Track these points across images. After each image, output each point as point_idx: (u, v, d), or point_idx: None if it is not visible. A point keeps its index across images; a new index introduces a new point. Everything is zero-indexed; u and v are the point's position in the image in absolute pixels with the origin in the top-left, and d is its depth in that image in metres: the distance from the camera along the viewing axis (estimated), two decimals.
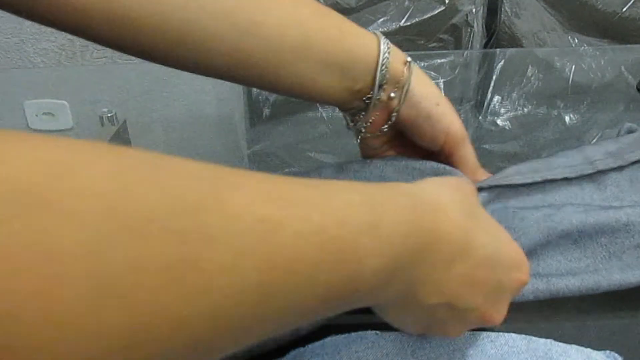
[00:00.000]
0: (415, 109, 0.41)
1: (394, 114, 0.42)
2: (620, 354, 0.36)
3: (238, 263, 0.18)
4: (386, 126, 0.43)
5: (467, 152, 0.44)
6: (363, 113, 0.42)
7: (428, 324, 0.30)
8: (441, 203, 0.27)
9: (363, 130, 0.43)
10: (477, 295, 0.29)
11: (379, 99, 0.41)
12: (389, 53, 0.40)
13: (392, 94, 0.41)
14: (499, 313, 0.31)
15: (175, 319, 0.16)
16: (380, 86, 0.40)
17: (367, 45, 0.40)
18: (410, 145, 0.45)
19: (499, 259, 0.30)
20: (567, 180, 0.44)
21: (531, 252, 0.39)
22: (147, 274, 0.16)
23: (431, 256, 0.26)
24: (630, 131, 0.49)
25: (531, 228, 0.39)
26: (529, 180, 0.43)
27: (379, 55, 0.40)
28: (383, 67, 0.40)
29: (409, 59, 0.41)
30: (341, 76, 0.40)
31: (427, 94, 0.41)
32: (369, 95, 0.41)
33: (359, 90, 0.41)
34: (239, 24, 0.37)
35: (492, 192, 0.43)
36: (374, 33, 0.41)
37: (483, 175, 0.44)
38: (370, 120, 0.42)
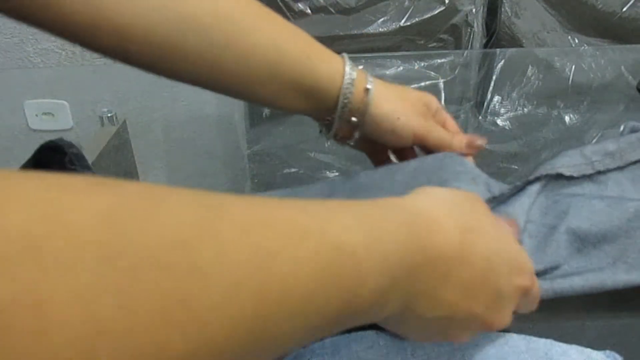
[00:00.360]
0: (377, 127, 0.45)
1: (356, 132, 0.45)
2: (620, 354, 0.36)
3: (232, 296, 0.18)
4: (352, 140, 0.46)
5: (437, 135, 0.46)
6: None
7: (429, 334, 0.30)
8: (436, 219, 0.27)
9: (333, 139, 0.47)
10: (477, 305, 0.29)
11: (341, 120, 0.44)
12: (351, 83, 0.43)
13: (354, 119, 0.44)
14: (502, 320, 0.31)
15: (169, 357, 0.16)
16: (341, 114, 0.44)
17: (332, 75, 0.43)
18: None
19: (498, 267, 0.29)
20: (568, 180, 0.44)
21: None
22: (139, 316, 0.15)
23: (427, 272, 0.26)
24: (634, 130, 0.49)
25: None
26: (531, 178, 0.43)
27: (342, 84, 0.43)
28: (344, 98, 0.43)
29: (369, 85, 0.44)
30: (307, 99, 0.43)
31: (387, 114, 0.44)
32: (333, 116, 0.44)
33: (325, 110, 0.44)
34: (215, 42, 0.40)
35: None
36: (342, 58, 0.44)
37: (463, 139, 0.46)
38: (336, 134, 0.46)
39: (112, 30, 0.37)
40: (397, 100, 0.45)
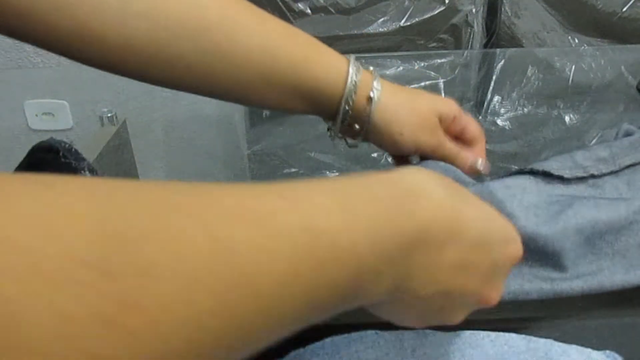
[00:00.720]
0: (379, 137, 0.43)
1: (359, 137, 0.43)
2: (620, 354, 0.36)
3: (188, 291, 0.17)
4: (356, 141, 0.44)
5: (441, 153, 0.44)
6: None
7: (427, 315, 0.29)
8: (422, 188, 0.26)
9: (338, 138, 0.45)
10: (473, 278, 0.28)
11: (343, 124, 0.42)
12: (354, 89, 0.40)
13: (356, 126, 0.42)
14: (497, 292, 0.30)
15: None
16: (343, 119, 0.42)
17: (333, 78, 0.41)
18: None
19: (491, 236, 0.28)
20: (563, 182, 0.43)
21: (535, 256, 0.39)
22: (76, 324, 0.15)
23: (420, 245, 0.25)
24: (628, 134, 0.49)
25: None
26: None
27: (344, 90, 0.40)
28: (346, 104, 0.41)
29: (372, 93, 0.41)
30: (307, 103, 0.41)
31: (389, 127, 0.42)
32: (336, 120, 0.42)
33: (327, 114, 0.43)
34: (205, 49, 0.38)
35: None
36: (346, 59, 0.41)
37: (467, 159, 0.44)
38: (340, 135, 0.44)
39: (97, 41, 0.36)
40: (404, 111, 0.42)
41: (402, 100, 0.42)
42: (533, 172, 0.43)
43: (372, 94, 0.41)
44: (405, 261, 0.25)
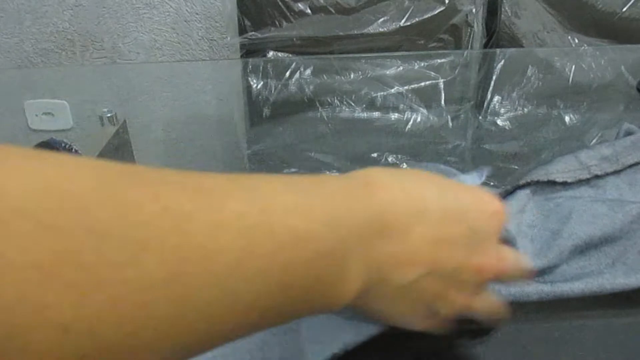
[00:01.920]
0: None
1: None
2: (620, 354, 0.36)
3: (136, 255, 0.17)
4: None
5: None
6: None
7: (429, 307, 0.28)
8: (377, 178, 0.26)
9: None
10: (455, 250, 0.27)
11: None
12: None
13: None
14: (493, 258, 0.28)
15: (54, 318, 0.15)
16: None
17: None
18: None
19: (460, 205, 0.27)
20: (563, 185, 0.44)
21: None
22: (12, 270, 0.15)
23: (385, 229, 0.24)
24: (629, 133, 0.49)
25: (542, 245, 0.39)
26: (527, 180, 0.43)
27: None
28: None
29: None
30: None
31: None
32: None
33: None
34: None
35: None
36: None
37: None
38: None
39: None
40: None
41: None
42: (538, 183, 0.43)
43: None
44: (370, 247, 0.24)
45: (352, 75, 0.86)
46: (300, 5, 1.19)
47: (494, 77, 0.89)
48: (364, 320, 0.32)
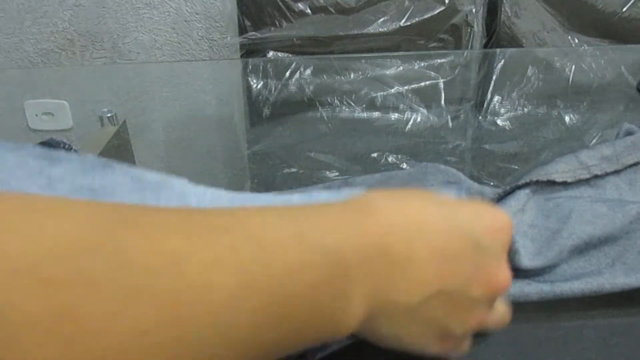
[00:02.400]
0: None
1: None
2: (620, 354, 0.36)
3: (130, 303, 0.17)
4: None
5: None
6: None
7: (441, 328, 0.27)
8: (370, 201, 0.25)
9: None
10: (462, 265, 0.26)
11: None
12: None
13: None
14: (502, 272, 0.27)
15: None
16: None
17: None
18: None
19: (463, 219, 0.27)
20: (563, 185, 0.44)
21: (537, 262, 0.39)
22: (14, 327, 0.15)
23: (383, 254, 0.24)
24: (629, 133, 0.49)
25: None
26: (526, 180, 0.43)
27: None
28: None
29: None
30: None
31: None
32: None
33: None
34: None
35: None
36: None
37: None
38: None
39: None
40: None
41: None
42: (538, 182, 0.43)
43: None
44: (372, 272, 0.23)
45: (352, 75, 0.86)
46: (300, 5, 1.19)
47: (494, 77, 0.89)
48: None
